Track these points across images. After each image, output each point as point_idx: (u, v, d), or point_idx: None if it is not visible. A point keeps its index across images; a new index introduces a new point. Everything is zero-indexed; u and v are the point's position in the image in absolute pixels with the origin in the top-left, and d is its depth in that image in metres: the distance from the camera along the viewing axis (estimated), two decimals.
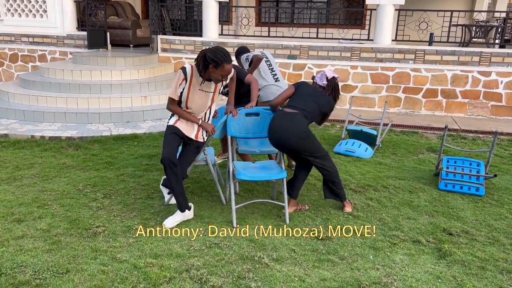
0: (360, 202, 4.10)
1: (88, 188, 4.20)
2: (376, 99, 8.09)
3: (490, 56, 7.65)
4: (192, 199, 4.03)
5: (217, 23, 8.68)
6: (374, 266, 3.02)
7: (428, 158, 5.59)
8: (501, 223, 3.76)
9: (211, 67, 3.31)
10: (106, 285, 2.67)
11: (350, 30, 10.09)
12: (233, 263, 2.99)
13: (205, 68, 3.35)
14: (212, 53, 3.27)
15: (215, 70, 3.32)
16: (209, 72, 3.37)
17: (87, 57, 8.03)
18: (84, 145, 5.56)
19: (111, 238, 3.29)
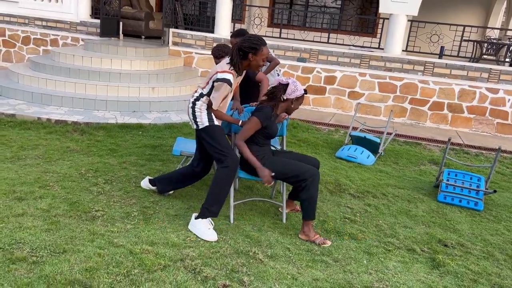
0: (358, 208, 4.12)
1: (90, 172, 4.24)
2: (382, 108, 8.10)
3: (500, 73, 7.65)
4: (192, 192, 4.06)
5: (229, 21, 8.72)
6: (367, 271, 3.04)
7: (429, 169, 5.61)
8: (497, 238, 3.78)
9: (251, 56, 3.24)
10: (101, 268, 2.70)
11: (361, 38, 10.11)
12: (227, 256, 3.01)
13: (243, 59, 3.29)
14: (247, 42, 3.22)
15: (255, 57, 3.25)
16: (248, 62, 3.29)
17: (99, 44, 8.08)
18: (89, 130, 5.61)
19: (109, 222, 3.32)
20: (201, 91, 3.45)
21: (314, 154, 5.73)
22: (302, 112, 7.83)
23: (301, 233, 3.45)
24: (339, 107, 8.28)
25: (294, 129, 6.60)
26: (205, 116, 3.42)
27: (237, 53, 3.26)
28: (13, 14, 9.80)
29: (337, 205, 4.13)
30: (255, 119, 3.36)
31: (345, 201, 4.24)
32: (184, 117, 6.56)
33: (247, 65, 3.32)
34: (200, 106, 3.43)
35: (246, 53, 3.25)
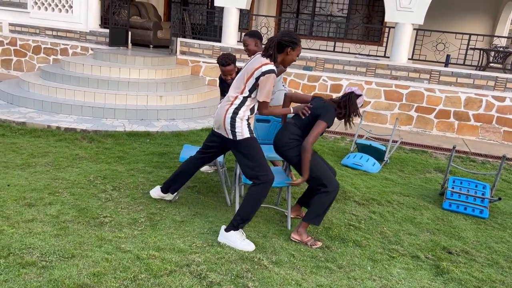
0: (363, 215, 4.15)
1: (98, 179, 4.32)
2: (388, 116, 8.13)
3: (506, 81, 7.66)
4: (198, 199, 4.11)
5: (236, 30, 8.83)
6: (371, 277, 3.06)
7: (435, 177, 5.61)
8: (502, 246, 3.78)
9: (289, 50, 3.27)
10: (109, 273, 2.75)
11: (367, 46, 10.17)
12: (233, 262, 3.05)
13: (279, 53, 3.29)
14: (288, 36, 3.26)
15: (292, 52, 3.29)
16: (283, 56, 3.31)
17: (108, 54, 8.22)
18: (98, 138, 5.70)
19: (116, 228, 3.38)
20: (241, 96, 3.29)
21: None
22: None
23: (295, 232, 3.48)
24: None
25: None
26: (245, 127, 3.29)
27: (276, 45, 3.26)
28: (24, 24, 10.00)
29: (342, 212, 4.16)
30: (324, 124, 3.40)
31: (350, 208, 4.26)
32: (191, 125, 6.64)
33: (282, 59, 3.34)
34: (242, 115, 3.28)
35: (284, 47, 3.26)
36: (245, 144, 3.28)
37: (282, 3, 11.78)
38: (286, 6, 11.82)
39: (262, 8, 11.73)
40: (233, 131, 3.29)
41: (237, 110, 3.28)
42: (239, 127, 3.27)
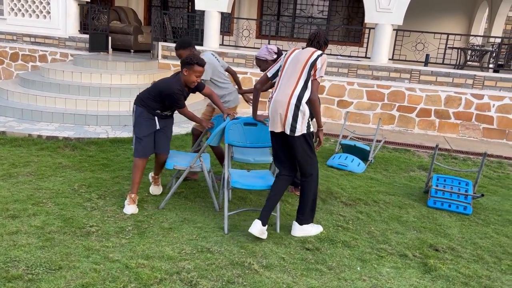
0: (350, 215, 4.18)
1: (83, 188, 4.25)
2: (371, 116, 8.22)
3: (484, 79, 7.83)
4: (186, 205, 4.09)
5: (218, 33, 8.81)
6: (361, 277, 3.09)
7: (419, 175, 5.70)
8: (486, 241, 3.85)
9: (324, 48, 3.66)
10: (98, 283, 2.71)
11: (349, 47, 10.27)
12: (223, 267, 3.04)
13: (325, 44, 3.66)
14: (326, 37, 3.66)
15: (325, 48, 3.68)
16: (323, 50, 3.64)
17: (88, 59, 8.11)
18: (81, 146, 5.61)
19: (104, 238, 3.33)
20: (299, 89, 3.45)
21: None
22: None
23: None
24: (328, 116, 8.38)
25: None
26: (306, 121, 3.45)
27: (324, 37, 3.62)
28: (1, 31, 9.79)
29: (329, 213, 4.19)
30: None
31: (337, 209, 4.29)
32: (175, 130, 6.57)
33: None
34: (304, 108, 3.43)
35: (323, 45, 3.64)
36: (305, 138, 3.50)
37: (262, 5, 11.82)
38: (267, 9, 11.86)
39: (243, 11, 11.74)
40: (295, 126, 3.42)
41: (300, 101, 3.43)
42: (300, 122, 3.44)
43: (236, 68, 8.56)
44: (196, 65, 3.73)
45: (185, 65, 3.76)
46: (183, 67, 3.78)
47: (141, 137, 3.86)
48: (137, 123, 3.90)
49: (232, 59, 8.60)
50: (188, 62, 3.74)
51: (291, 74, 3.49)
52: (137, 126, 3.90)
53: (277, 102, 3.47)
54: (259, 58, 4.30)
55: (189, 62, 3.74)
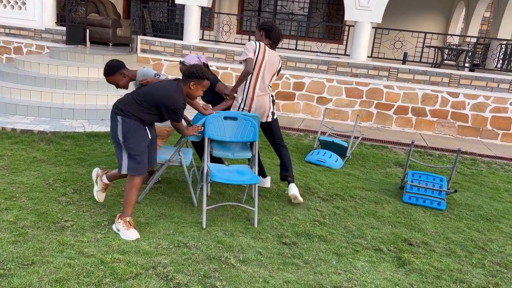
0: (327, 210, 4.23)
1: (58, 182, 4.18)
2: (350, 113, 8.31)
3: (459, 78, 7.99)
4: (163, 199, 4.06)
5: (198, 28, 8.76)
6: (337, 271, 3.13)
7: (395, 172, 5.79)
8: (459, 236, 3.95)
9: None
10: (72, 278, 2.68)
11: (328, 44, 10.34)
12: (200, 262, 3.04)
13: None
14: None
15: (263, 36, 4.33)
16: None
17: (65, 52, 7.96)
18: (57, 140, 5.51)
19: (79, 232, 3.29)
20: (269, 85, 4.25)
21: None
22: None
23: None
24: (308, 113, 8.44)
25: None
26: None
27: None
28: None
29: (307, 208, 4.22)
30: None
31: (314, 204, 4.33)
32: None
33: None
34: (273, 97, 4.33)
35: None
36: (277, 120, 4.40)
37: (243, 1, 11.78)
38: (248, 4, 11.83)
39: (224, 6, 11.69)
40: (273, 112, 4.33)
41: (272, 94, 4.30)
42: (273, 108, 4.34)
43: (217, 63, 8.54)
44: (206, 80, 3.45)
45: (193, 79, 3.41)
46: (191, 80, 3.41)
47: (139, 154, 3.36)
48: (130, 138, 3.33)
49: (212, 54, 8.57)
50: (199, 76, 3.41)
51: (267, 73, 4.19)
52: (132, 142, 3.33)
53: (261, 98, 4.20)
54: (185, 64, 4.16)
55: (200, 77, 3.41)
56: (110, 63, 3.85)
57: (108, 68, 3.84)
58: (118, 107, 3.38)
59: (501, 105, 7.87)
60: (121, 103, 3.40)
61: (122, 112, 3.36)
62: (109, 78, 3.86)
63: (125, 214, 3.35)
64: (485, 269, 3.38)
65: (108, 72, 3.84)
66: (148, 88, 3.41)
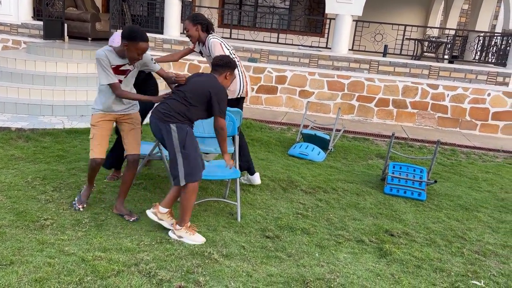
0: (310, 203, 4.25)
1: (37, 180, 4.11)
2: (332, 106, 8.35)
3: (439, 70, 8.10)
4: (145, 196, 4.03)
5: (179, 22, 8.67)
6: (319, 263, 3.15)
7: (376, 163, 5.86)
8: (439, 226, 4.02)
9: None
10: (52, 277, 2.64)
11: (310, 37, 10.36)
12: (182, 258, 3.03)
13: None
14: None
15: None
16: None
17: (42, 47, 7.79)
18: (35, 137, 5.41)
19: (59, 231, 3.24)
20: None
21: (267, 152, 5.83)
22: (255, 112, 7.93)
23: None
24: (290, 106, 8.45)
25: (247, 129, 6.68)
26: None
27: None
28: None
29: (289, 201, 4.24)
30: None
31: (297, 197, 4.35)
32: None
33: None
34: None
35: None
36: None
37: None
38: None
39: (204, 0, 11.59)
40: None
41: None
42: None
43: (198, 57, 8.47)
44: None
45: (229, 69, 3.43)
46: (227, 70, 3.42)
47: (196, 158, 3.23)
48: (188, 145, 3.19)
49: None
50: (234, 66, 3.45)
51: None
52: (189, 148, 3.19)
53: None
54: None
55: (234, 66, 3.46)
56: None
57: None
58: (167, 115, 3.19)
59: (479, 96, 8.01)
60: (166, 110, 3.20)
61: (174, 118, 3.19)
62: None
63: (185, 221, 3.29)
64: (464, 258, 3.45)
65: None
66: (191, 85, 3.29)
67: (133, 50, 3.25)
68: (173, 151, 3.18)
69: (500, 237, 3.89)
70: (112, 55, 3.32)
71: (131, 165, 3.52)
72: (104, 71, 3.29)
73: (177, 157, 3.18)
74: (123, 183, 3.57)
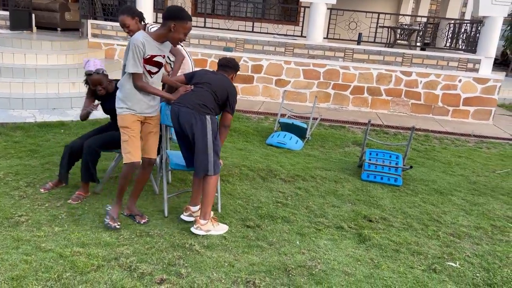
0: (289, 191, 4.28)
1: (9, 176, 3.98)
2: (308, 94, 8.39)
3: (412, 57, 8.23)
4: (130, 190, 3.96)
5: (151, 10, 8.50)
6: (300, 251, 3.18)
7: (353, 151, 5.93)
8: (415, 210, 4.11)
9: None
10: (29, 275, 2.58)
11: (285, 26, 10.33)
12: (163, 250, 3.00)
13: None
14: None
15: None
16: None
17: (10, 38, 7.51)
18: (6, 131, 5.24)
19: (35, 227, 3.16)
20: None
21: (245, 142, 5.82)
22: None
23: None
24: (267, 95, 8.44)
25: None
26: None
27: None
28: None
29: (269, 190, 4.25)
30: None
31: (276, 186, 4.37)
32: None
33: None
34: None
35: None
36: None
37: None
38: None
39: None
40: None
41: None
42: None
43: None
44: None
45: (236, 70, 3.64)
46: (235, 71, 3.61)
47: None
48: (217, 139, 3.32)
49: None
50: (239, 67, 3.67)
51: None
52: (217, 140, 3.31)
53: None
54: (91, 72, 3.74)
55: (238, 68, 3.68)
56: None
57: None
58: (203, 106, 3.23)
59: (451, 83, 8.18)
60: (202, 102, 3.23)
61: (208, 110, 3.24)
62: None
63: (208, 213, 3.28)
64: (440, 240, 3.54)
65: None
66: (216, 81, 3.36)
67: (181, 31, 3.08)
68: (205, 142, 3.21)
69: (473, 219, 4.01)
70: (150, 44, 3.10)
71: (147, 167, 3.39)
72: (134, 58, 3.06)
73: (208, 148, 3.22)
74: (137, 183, 3.44)
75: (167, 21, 3.07)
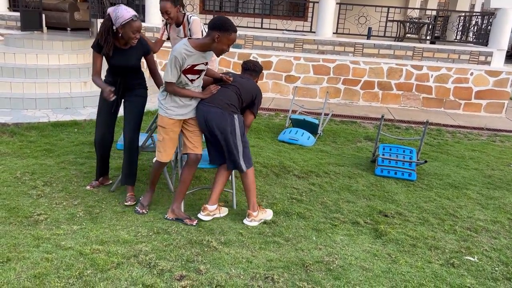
0: (303, 187, 4.28)
1: (26, 175, 4.03)
2: (318, 90, 8.36)
3: (422, 51, 8.16)
4: (138, 187, 3.99)
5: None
6: (317, 246, 3.19)
7: (365, 146, 5.91)
8: (430, 205, 4.09)
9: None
10: (51, 272, 2.61)
11: (294, 22, 10.30)
12: (181, 247, 3.02)
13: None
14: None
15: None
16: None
17: (21, 39, 7.57)
18: (20, 131, 5.29)
19: (54, 225, 3.20)
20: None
21: (257, 139, 5.83)
22: None
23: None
24: (277, 92, 8.43)
25: None
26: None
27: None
28: None
29: (283, 186, 4.26)
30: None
31: (290, 182, 4.37)
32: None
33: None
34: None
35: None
36: None
37: None
38: None
39: None
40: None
41: None
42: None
43: None
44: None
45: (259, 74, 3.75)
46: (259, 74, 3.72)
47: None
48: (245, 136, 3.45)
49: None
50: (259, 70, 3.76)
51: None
52: (245, 136, 3.44)
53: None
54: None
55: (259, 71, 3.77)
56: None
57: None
58: (232, 106, 3.34)
59: (462, 76, 8.11)
60: (231, 102, 3.34)
61: (236, 110, 3.37)
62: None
63: (256, 204, 3.48)
64: (456, 235, 3.53)
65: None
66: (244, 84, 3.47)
67: (225, 42, 3.08)
68: (235, 140, 3.33)
69: (489, 213, 3.98)
70: (192, 56, 3.12)
71: (192, 163, 3.37)
72: (171, 69, 3.10)
73: (238, 145, 3.35)
74: (183, 183, 3.39)
75: (212, 31, 3.08)
